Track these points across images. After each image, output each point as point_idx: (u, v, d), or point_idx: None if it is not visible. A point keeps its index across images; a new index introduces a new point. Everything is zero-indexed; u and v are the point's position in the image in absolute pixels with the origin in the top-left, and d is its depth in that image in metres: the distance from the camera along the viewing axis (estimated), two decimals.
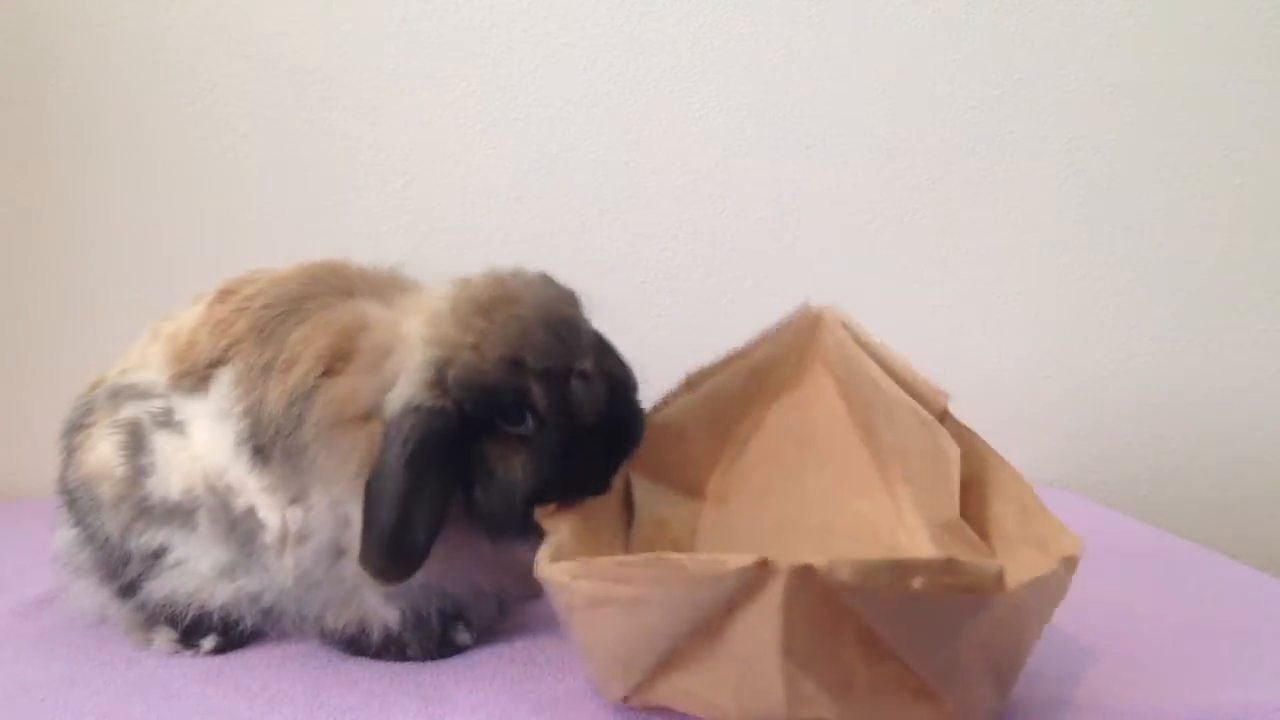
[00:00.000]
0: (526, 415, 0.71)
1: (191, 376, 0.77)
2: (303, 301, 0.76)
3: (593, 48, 1.38)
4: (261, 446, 0.73)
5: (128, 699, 0.72)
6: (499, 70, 1.38)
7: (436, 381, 0.69)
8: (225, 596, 0.78)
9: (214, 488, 0.75)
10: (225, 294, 0.80)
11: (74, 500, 0.81)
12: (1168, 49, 1.42)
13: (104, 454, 0.79)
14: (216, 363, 0.76)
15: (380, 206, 1.38)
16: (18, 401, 1.37)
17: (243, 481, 0.74)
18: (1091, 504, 1.35)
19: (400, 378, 0.71)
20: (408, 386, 0.70)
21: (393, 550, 0.68)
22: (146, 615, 0.80)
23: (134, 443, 0.78)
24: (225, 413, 0.74)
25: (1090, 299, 1.47)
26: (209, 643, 0.80)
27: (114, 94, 1.34)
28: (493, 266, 0.77)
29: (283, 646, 0.81)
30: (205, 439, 0.76)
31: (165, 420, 0.77)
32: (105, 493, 0.78)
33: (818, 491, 0.88)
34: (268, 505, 0.74)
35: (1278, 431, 1.50)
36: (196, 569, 0.78)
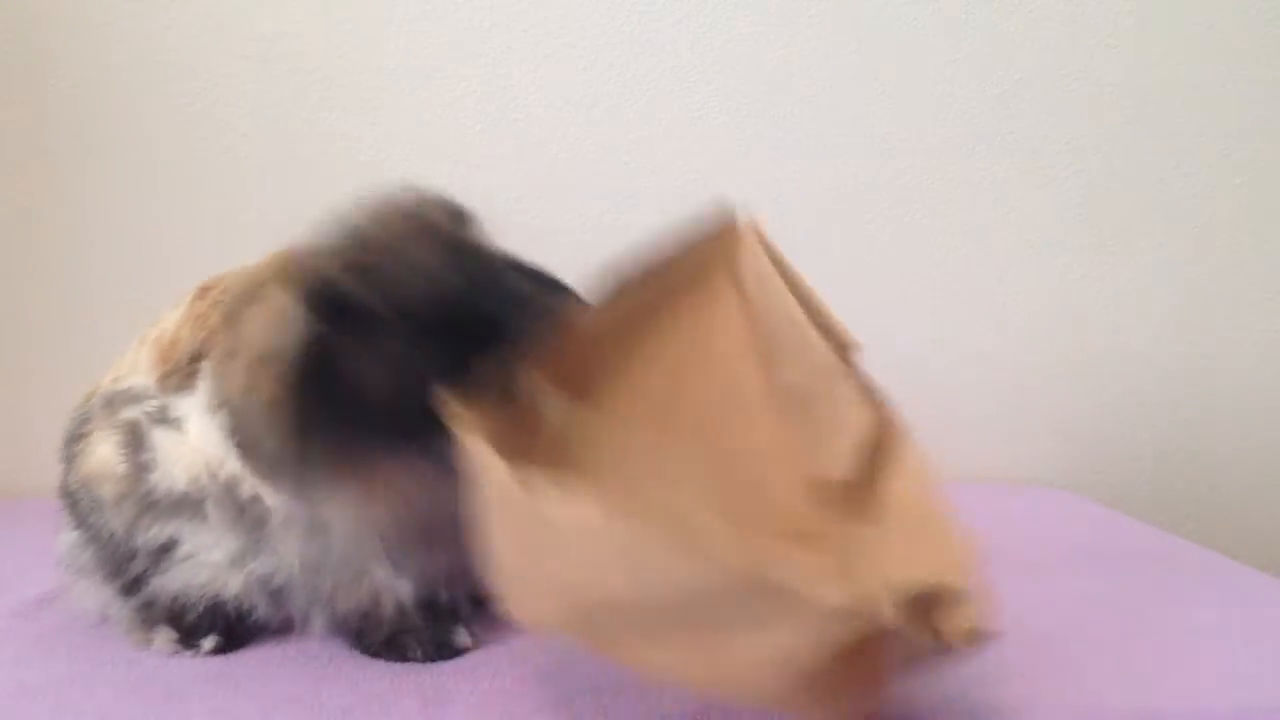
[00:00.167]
0: (366, 316, 0.68)
1: (178, 374, 0.77)
2: (265, 284, 0.74)
3: (593, 48, 1.38)
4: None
5: (128, 699, 0.72)
6: (499, 70, 1.38)
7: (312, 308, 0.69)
8: (237, 586, 0.78)
9: (217, 476, 0.75)
10: (204, 290, 0.81)
11: (75, 502, 0.82)
12: (1168, 49, 1.42)
13: (104, 454, 0.79)
14: (199, 356, 0.76)
15: None
16: (18, 401, 1.37)
17: (242, 470, 0.74)
18: (1091, 504, 1.35)
19: None
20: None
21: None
22: (149, 614, 0.80)
23: (133, 441, 0.78)
24: (211, 406, 0.75)
25: (1090, 299, 1.47)
26: (209, 643, 0.80)
27: (114, 94, 1.34)
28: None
29: (283, 646, 0.81)
30: (200, 433, 0.76)
31: (161, 418, 0.78)
32: (107, 492, 0.78)
33: (704, 416, 0.81)
34: (269, 491, 0.74)
35: (1278, 431, 1.50)
36: (209, 559, 0.78)
